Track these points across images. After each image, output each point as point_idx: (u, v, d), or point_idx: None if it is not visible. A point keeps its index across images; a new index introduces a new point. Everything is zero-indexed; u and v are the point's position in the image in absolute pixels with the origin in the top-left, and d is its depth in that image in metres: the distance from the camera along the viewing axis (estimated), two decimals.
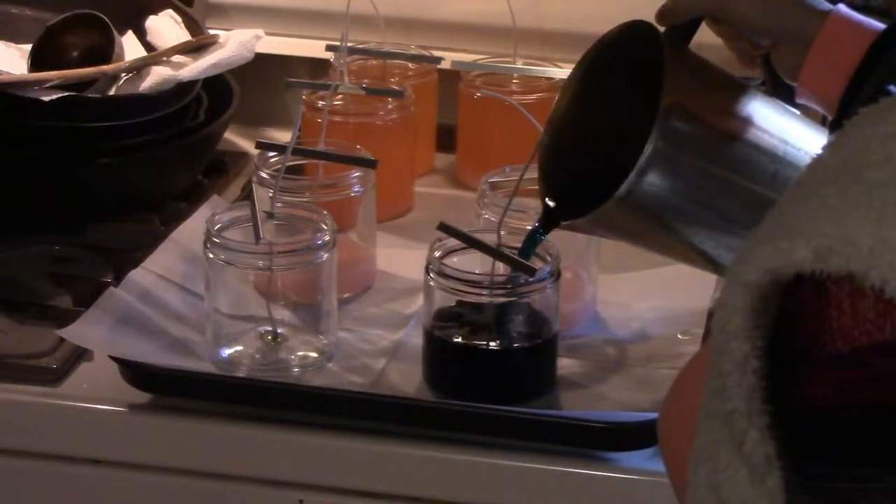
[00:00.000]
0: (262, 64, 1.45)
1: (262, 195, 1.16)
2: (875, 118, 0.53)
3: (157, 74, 1.31)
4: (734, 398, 0.50)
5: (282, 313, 1.13)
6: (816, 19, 0.96)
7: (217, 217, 1.12)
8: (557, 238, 1.10)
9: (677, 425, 0.61)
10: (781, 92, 1.02)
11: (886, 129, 0.51)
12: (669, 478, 0.60)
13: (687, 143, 0.97)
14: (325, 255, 1.11)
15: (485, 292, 1.05)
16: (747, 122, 0.99)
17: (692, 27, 1.02)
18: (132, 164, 1.31)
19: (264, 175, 1.20)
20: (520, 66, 1.43)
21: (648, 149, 0.95)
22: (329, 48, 1.43)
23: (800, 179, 0.54)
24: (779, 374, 0.50)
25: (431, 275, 1.06)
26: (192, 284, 1.17)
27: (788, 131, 1.00)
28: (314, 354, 1.12)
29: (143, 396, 1.07)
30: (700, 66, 1.02)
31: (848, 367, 0.49)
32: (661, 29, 1.01)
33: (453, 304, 1.07)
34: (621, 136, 1.02)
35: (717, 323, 0.51)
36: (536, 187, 1.18)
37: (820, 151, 0.54)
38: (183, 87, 1.33)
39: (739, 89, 1.01)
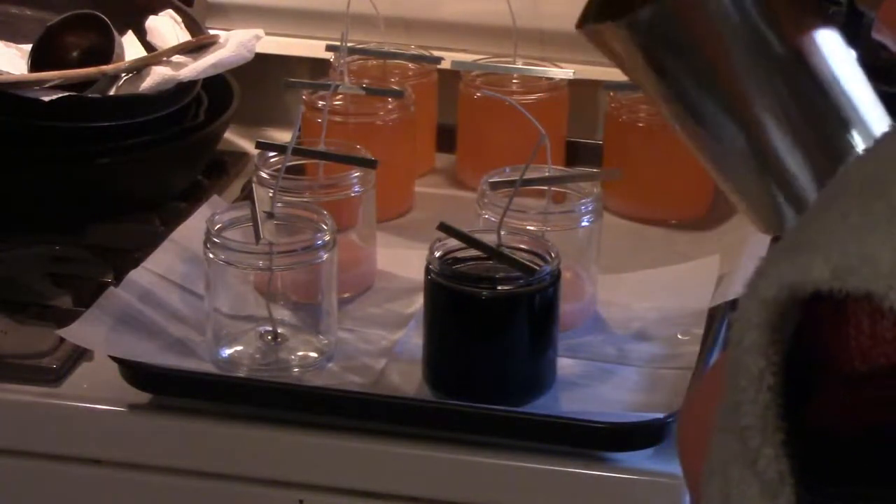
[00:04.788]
0: (262, 64, 1.45)
1: (262, 195, 1.16)
2: None
3: (157, 74, 1.31)
4: (749, 414, 0.49)
5: (282, 313, 1.13)
6: None
7: (217, 217, 1.12)
8: (557, 238, 1.11)
9: (693, 440, 0.60)
10: (855, 24, 0.95)
11: None
12: (689, 491, 0.60)
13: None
14: (325, 255, 1.11)
15: (485, 292, 1.05)
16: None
17: None
18: (132, 164, 1.31)
19: (264, 175, 1.20)
20: (520, 66, 1.43)
21: None
22: (329, 48, 1.43)
23: (823, 193, 0.52)
24: (795, 391, 0.50)
25: (431, 275, 1.06)
26: (192, 284, 1.17)
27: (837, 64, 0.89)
28: (314, 354, 1.12)
29: (143, 396, 1.07)
30: None
31: (865, 388, 0.49)
32: None
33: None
34: None
35: (733, 337, 0.50)
36: (536, 187, 1.18)
37: (845, 164, 0.53)
38: (183, 87, 1.33)
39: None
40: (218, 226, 1.11)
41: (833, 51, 0.89)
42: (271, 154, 1.22)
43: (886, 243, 0.46)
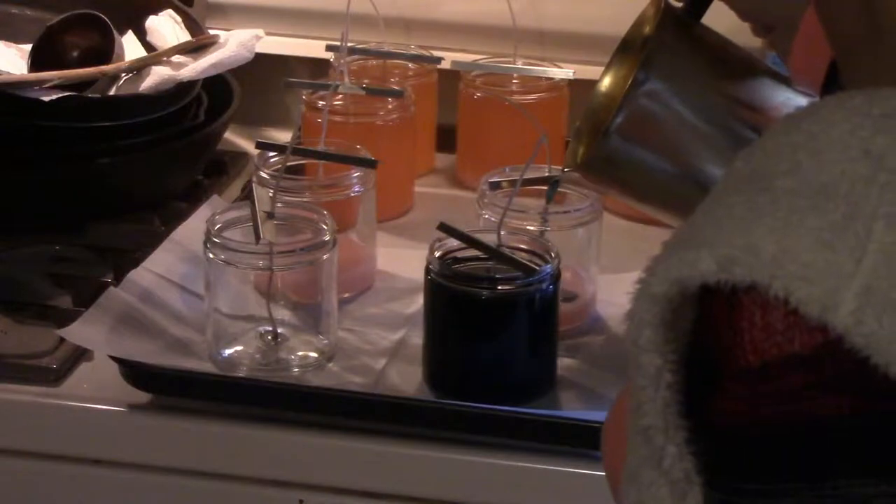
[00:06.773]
0: (262, 64, 1.45)
1: (262, 195, 1.16)
2: (788, 127, 0.51)
3: (157, 74, 1.31)
4: (649, 413, 0.49)
5: (282, 313, 1.13)
6: (805, 3, 0.94)
7: (217, 217, 1.12)
8: (557, 238, 1.10)
9: (614, 450, 0.60)
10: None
11: (797, 137, 0.50)
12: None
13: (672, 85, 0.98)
14: (325, 255, 1.11)
15: (485, 292, 1.05)
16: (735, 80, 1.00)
17: (701, 6, 1.01)
18: (132, 164, 1.31)
19: (264, 175, 1.20)
20: (520, 66, 1.43)
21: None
22: (329, 48, 1.43)
23: (713, 190, 0.53)
24: (701, 389, 0.50)
25: (431, 275, 1.06)
26: (192, 284, 1.17)
27: (762, 98, 1.00)
28: (314, 354, 1.12)
29: (143, 396, 1.07)
30: (705, 32, 1.01)
31: (760, 381, 0.48)
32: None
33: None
34: None
35: (627, 336, 0.50)
36: (536, 187, 1.18)
37: (733, 160, 0.54)
38: (183, 87, 1.33)
39: (742, 61, 1.01)
40: (218, 226, 1.11)
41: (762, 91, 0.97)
42: (271, 154, 1.22)
43: (769, 234, 0.46)
